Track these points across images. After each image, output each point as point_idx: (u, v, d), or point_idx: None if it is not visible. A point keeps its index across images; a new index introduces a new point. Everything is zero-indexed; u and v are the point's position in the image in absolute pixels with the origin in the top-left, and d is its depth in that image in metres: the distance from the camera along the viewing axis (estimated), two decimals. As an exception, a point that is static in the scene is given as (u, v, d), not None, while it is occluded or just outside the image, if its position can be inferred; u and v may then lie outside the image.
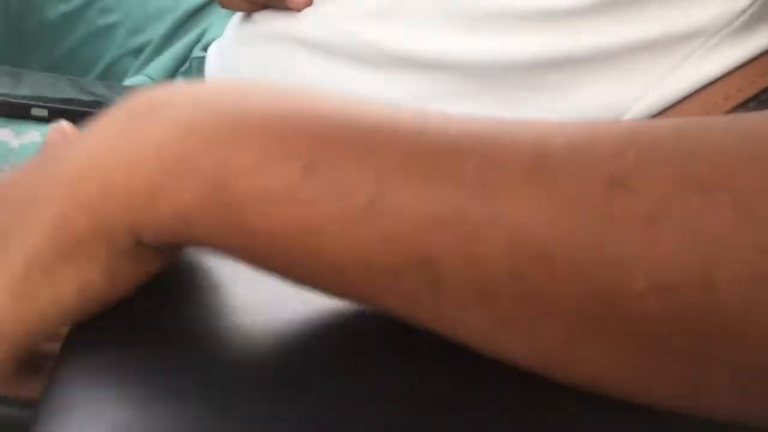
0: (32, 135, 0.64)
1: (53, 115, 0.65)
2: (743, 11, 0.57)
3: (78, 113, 0.66)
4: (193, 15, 0.87)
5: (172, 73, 0.82)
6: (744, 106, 0.57)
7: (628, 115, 0.59)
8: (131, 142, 0.28)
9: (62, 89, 0.70)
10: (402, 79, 0.63)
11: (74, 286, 0.29)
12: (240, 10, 0.74)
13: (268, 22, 0.70)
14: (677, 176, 0.25)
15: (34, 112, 0.65)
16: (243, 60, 0.72)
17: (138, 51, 0.86)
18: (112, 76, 0.86)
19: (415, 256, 0.26)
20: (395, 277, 0.26)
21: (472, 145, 0.27)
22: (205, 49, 0.79)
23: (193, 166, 0.28)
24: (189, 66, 0.81)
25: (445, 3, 0.62)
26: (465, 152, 0.26)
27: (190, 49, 0.83)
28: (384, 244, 0.26)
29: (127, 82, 0.81)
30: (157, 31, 0.86)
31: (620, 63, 0.59)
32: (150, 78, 0.81)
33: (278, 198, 0.27)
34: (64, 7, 0.87)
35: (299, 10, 0.67)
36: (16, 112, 0.65)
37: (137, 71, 0.84)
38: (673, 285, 0.24)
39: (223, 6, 0.74)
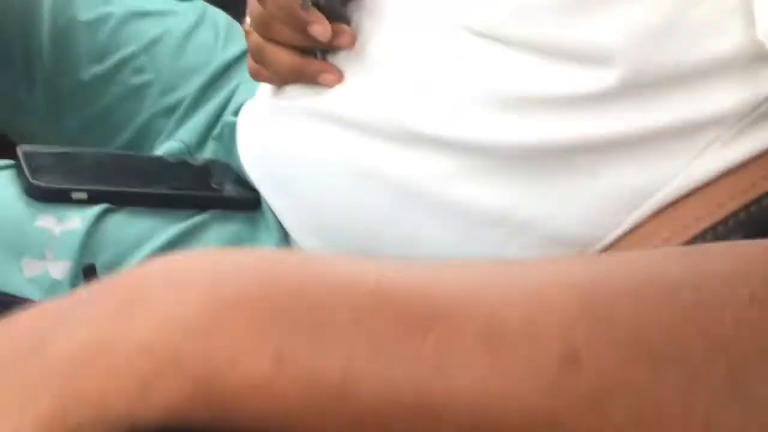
0: (74, 221, 0.66)
1: (92, 197, 0.68)
2: (766, 99, 0.59)
3: (116, 194, 0.69)
4: (224, 72, 0.88)
5: (204, 138, 0.83)
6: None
7: (654, 199, 0.61)
8: (121, 338, 0.29)
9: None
10: (432, 158, 0.65)
11: None
12: (269, 83, 0.75)
13: (299, 96, 0.71)
14: (627, 348, 0.25)
15: (75, 195, 0.67)
16: (272, 133, 0.73)
17: (169, 111, 0.87)
18: (144, 138, 0.87)
19: None
20: None
21: (434, 314, 0.27)
22: (236, 113, 0.81)
23: (179, 365, 0.28)
24: (221, 131, 0.83)
25: (477, 87, 0.64)
26: (427, 325, 0.27)
27: (221, 110, 0.85)
28: (355, 426, 0.27)
29: (160, 150, 0.83)
30: (188, 89, 0.88)
31: (646, 148, 0.61)
32: (183, 143, 0.83)
33: (254, 391, 0.28)
34: (98, 68, 0.89)
35: (331, 86, 0.69)
36: (56, 197, 0.67)
37: (169, 135, 0.85)
38: None
39: (252, 76, 0.75)
